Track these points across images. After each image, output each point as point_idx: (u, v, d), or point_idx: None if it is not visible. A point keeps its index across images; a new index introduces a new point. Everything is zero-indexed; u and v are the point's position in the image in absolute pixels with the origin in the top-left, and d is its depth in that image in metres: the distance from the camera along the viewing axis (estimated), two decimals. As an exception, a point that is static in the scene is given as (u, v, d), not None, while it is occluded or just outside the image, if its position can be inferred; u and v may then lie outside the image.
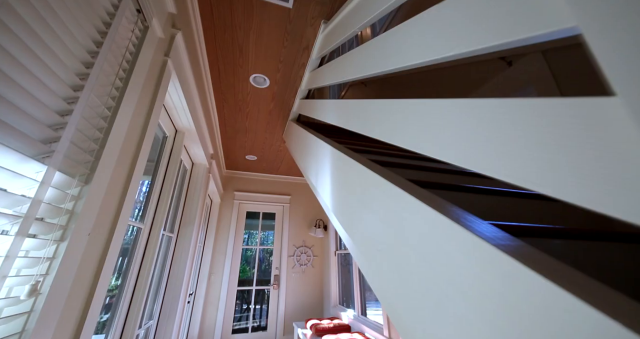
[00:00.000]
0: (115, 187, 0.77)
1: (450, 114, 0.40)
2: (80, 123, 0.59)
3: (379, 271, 0.57)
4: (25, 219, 0.47)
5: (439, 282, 0.39)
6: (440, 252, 0.39)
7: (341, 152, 0.83)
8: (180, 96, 1.32)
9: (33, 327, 0.50)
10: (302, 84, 1.95)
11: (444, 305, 0.39)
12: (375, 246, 0.58)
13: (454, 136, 0.38)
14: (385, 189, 0.56)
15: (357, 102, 0.76)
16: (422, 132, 0.46)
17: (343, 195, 0.81)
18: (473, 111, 0.36)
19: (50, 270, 0.55)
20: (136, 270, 1.30)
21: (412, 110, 0.49)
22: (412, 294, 0.46)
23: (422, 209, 0.44)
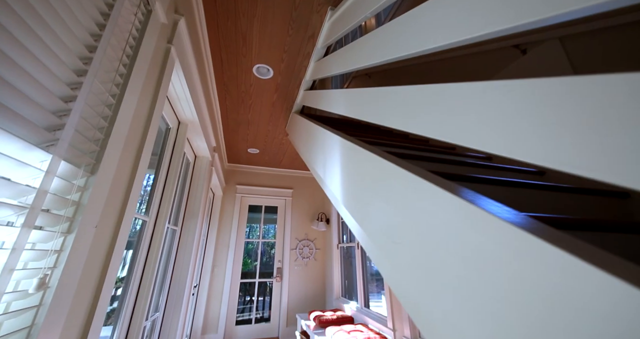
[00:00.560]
0: (121, 178, 0.75)
1: (483, 98, 0.37)
2: (84, 111, 0.56)
3: (396, 263, 0.55)
4: (31, 211, 0.45)
5: (469, 276, 0.37)
6: (471, 244, 0.37)
7: (354, 143, 0.80)
8: (183, 86, 1.29)
9: (42, 321, 0.49)
10: (306, 74, 1.91)
11: (474, 299, 0.37)
12: (392, 238, 0.56)
13: (488, 120, 0.35)
14: (405, 180, 0.53)
15: (372, 91, 0.73)
16: (447, 118, 0.43)
17: (355, 187, 0.79)
18: (512, 92, 0.33)
19: (58, 263, 0.53)
20: (142, 263, 1.29)
21: (436, 95, 0.46)
22: (436, 287, 0.44)
23: (449, 200, 0.42)
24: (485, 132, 0.35)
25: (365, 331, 2.27)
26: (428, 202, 0.47)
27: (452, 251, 0.42)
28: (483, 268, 0.36)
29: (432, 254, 0.46)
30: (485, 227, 0.36)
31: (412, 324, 1.91)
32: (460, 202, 0.40)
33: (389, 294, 2.22)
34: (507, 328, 0.33)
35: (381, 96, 0.66)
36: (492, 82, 0.37)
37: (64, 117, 0.51)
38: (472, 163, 1.09)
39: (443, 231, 0.43)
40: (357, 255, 3.09)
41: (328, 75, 1.55)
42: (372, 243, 0.66)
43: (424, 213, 0.48)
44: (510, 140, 0.30)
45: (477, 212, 0.36)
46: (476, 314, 0.37)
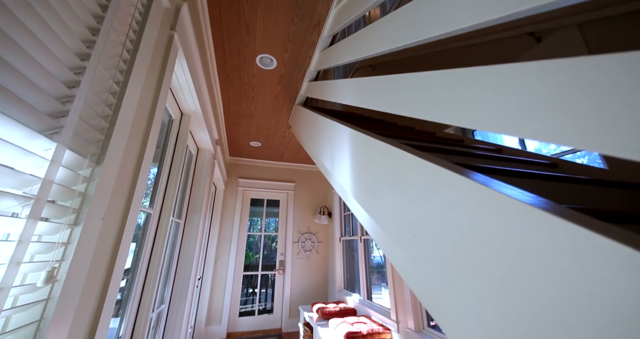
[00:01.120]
0: (127, 169, 0.73)
1: (526, 79, 0.34)
2: (88, 98, 0.53)
3: (414, 257, 0.53)
4: (37, 201, 0.43)
5: (504, 274, 0.35)
6: (507, 239, 0.35)
7: (368, 135, 0.78)
8: (186, 76, 1.25)
9: (52, 315, 0.47)
10: (311, 65, 1.86)
11: (507, 296, 0.36)
12: (410, 231, 0.54)
13: (534, 104, 0.33)
14: (426, 171, 0.51)
15: (385, 78, 0.70)
16: (478, 104, 0.41)
17: (367, 179, 0.77)
18: (564, 71, 0.30)
19: (65, 256, 0.51)
20: (147, 255, 1.28)
21: (465, 79, 0.44)
22: (460, 281, 0.42)
23: (477, 190, 0.40)
24: (527, 117, 0.33)
25: (369, 323, 2.29)
26: (452, 194, 0.45)
27: (481, 246, 0.40)
28: (521, 264, 0.34)
29: (455, 247, 0.44)
30: (524, 219, 0.34)
31: (416, 317, 1.92)
32: (492, 194, 0.38)
33: (393, 287, 2.23)
34: (543, 326, 0.32)
35: (396, 83, 0.63)
36: (545, 61, 0.34)
37: (67, 104, 0.49)
38: (483, 155, 1.06)
39: (469, 224, 0.41)
40: (360, 248, 3.09)
41: (334, 65, 1.51)
42: (387, 236, 0.65)
43: (448, 205, 0.46)
44: (564, 126, 0.28)
45: (514, 204, 0.34)
46: (509, 310, 0.36)
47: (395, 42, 0.77)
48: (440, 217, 0.47)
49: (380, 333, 2.14)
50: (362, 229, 3.15)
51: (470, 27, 0.50)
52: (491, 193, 0.37)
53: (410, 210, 0.55)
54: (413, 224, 0.54)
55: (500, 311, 0.37)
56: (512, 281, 0.36)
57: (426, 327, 1.88)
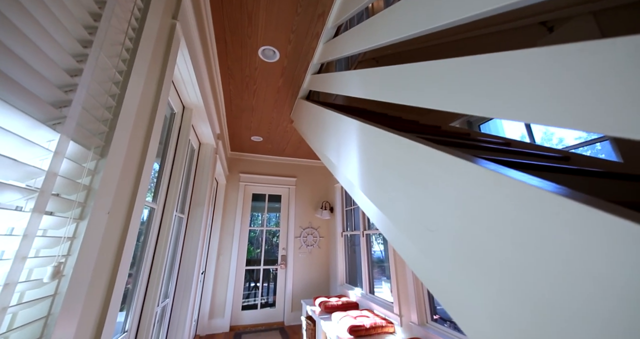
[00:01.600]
0: (131, 162, 0.71)
1: (558, 64, 0.32)
2: (91, 87, 0.51)
3: (429, 251, 0.52)
4: (41, 194, 0.41)
5: (532, 270, 0.34)
6: (533, 231, 0.33)
7: (378, 128, 0.76)
8: (189, 67, 1.22)
9: (59, 310, 0.46)
10: (314, 57, 1.82)
11: (533, 295, 0.34)
12: (426, 225, 0.53)
13: (575, 90, 0.31)
14: (445, 164, 0.49)
15: (398, 68, 0.68)
16: (506, 92, 0.38)
17: (378, 173, 0.75)
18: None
19: (72, 251, 0.50)
20: (152, 250, 1.27)
21: (490, 65, 0.41)
22: (481, 276, 0.41)
23: (502, 182, 0.38)
24: (567, 104, 0.31)
25: (371, 317, 2.31)
26: (474, 187, 0.44)
27: (506, 241, 0.38)
28: (552, 260, 0.33)
29: (475, 241, 0.42)
30: (556, 212, 0.32)
31: (419, 310, 1.93)
32: (518, 185, 0.36)
33: (396, 281, 2.23)
34: (574, 325, 0.30)
35: (412, 73, 0.61)
36: (585, 42, 0.31)
37: (70, 93, 0.47)
38: (492, 148, 1.04)
39: (492, 216, 0.40)
40: (362, 243, 3.10)
41: (339, 56, 1.48)
42: (398, 230, 0.63)
43: (469, 198, 0.44)
44: (610, 112, 0.26)
45: (542, 195, 0.32)
46: (536, 310, 0.34)
47: (405, 31, 0.74)
48: (460, 211, 0.45)
49: (383, 327, 2.15)
50: (365, 224, 3.15)
51: (484, 13, 0.47)
52: (521, 186, 0.36)
53: (426, 204, 0.53)
54: (429, 217, 0.52)
55: (526, 309, 0.36)
56: (542, 278, 0.34)
57: (429, 320, 1.89)
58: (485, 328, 0.42)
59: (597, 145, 1.50)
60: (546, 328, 0.34)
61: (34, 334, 0.44)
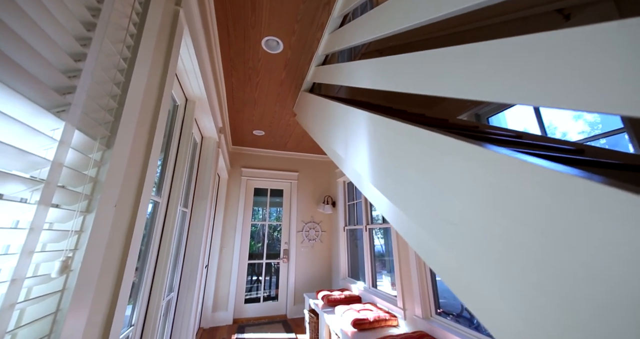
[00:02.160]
0: (137, 154, 0.69)
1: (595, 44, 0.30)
2: (95, 73, 0.48)
3: (450, 245, 0.50)
4: (47, 186, 0.39)
5: (570, 266, 0.32)
6: (578, 224, 0.31)
7: (391, 119, 0.73)
8: (192, 58, 1.19)
9: (68, 306, 0.45)
10: (319, 48, 1.78)
11: (569, 289, 0.32)
12: (447, 218, 0.51)
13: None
14: (469, 154, 0.47)
15: (415, 55, 0.65)
16: (542, 77, 0.36)
17: (391, 165, 0.73)
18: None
19: (79, 245, 0.48)
20: (157, 244, 1.26)
21: (521, 48, 0.39)
22: (511, 271, 0.39)
23: (541, 173, 0.36)
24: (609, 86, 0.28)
25: (375, 310, 2.32)
26: (500, 176, 0.41)
27: (536, 230, 0.36)
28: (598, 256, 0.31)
29: (503, 233, 0.40)
30: (593, 199, 0.30)
31: (424, 304, 1.93)
32: (550, 173, 0.34)
33: (400, 275, 2.23)
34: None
35: (431, 60, 0.58)
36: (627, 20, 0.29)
37: (74, 79, 0.44)
38: (504, 140, 1.02)
39: (521, 207, 0.38)
40: (365, 237, 3.10)
41: (344, 47, 1.44)
42: (414, 224, 0.61)
43: (495, 189, 0.42)
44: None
45: (579, 182, 0.30)
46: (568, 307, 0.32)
47: (417, 18, 0.71)
48: (484, 203, 0.43)
49: (386, 320, 2.16)
50: (368, 219, 3.14)
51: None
52: (554, 174, 0.33)
53: (446, 196, 0.51)
54: (449, 210, 0.50)
55: (556, 303, 0.34)
56: (574, 270, 0.32)
57: (434, 314, 1.90)
58: (512, 324, 0.41)
59: (602, 140, 1.47)
60: (579, 321, 0.32)
61: (43, 331, 0.42)
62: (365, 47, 3.27)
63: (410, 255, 2.11)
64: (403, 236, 0.72)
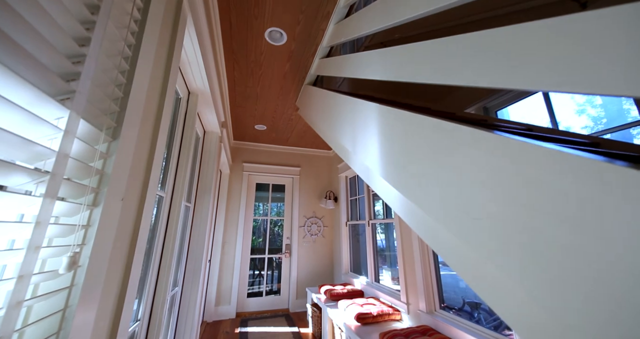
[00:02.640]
0: (143, 146, 0.67)
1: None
2: (100, 60, 0.46)
3: (472, 241, 0.48)
4: (52, 178, 0.37)
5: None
6: (615, 213, 0.29)
7: (406, 111, 0.70)
8: (195, 49, 1.15)
9: (77, 302, 0.43)
10: (323, 39, 1.74)
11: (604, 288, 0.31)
12: (468, 213, 0.49)
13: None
14: (493, 146, 0.44)
15: (433, 43, 0.62)
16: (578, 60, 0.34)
17: (404, 158, 0.71)
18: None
19: (86, 239, 0.46)
20: (161, 239, 1.25)
21: (560, 27, 0.36)
22: (540, 267, 0.37)
23: (576, 161, 0.34)
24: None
25: (378, 304, 2.32)
26: (527, 167, 0.39)
27: (567, 221, 0.34)
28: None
29: (531, 226, 0.39)
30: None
31: (428, 299, 1.93)
32: (583, 161, 0.32)
33: (403, 270, 2.23)
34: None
35: (449, 47, 0.55)
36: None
37: (78, 65, 0.42)
38: (516, 133, 0.99)
39: (553, 198, 0.36)
40: (368, 232, 3.09)
41: (350, 38, 1.40)
42: (429, 217, 0.59)
43: (525, 181, 0.40)
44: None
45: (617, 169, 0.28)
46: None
47: (428, 5, 0.68)
48: (514, 196, 0.41)
49: (390, 314, 2.17)
50: (370, 214, 3.13)
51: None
52: (593, 164, 0.31)
53: (468, 189, 0.49)
54: (471, 204, 0.48)
55: (589, 297, 0.32)
56: (609, 264, 0.30)
57: (438, 309, 1.90)
58: (539, 320, 0.39)
59: (607, 135, 1.44)
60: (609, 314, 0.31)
61: (52, 329, 0.41)
62: (369, 40, 3.21)
63: (414, 250, 2.11)
64: (415, 229, 0.70)
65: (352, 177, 3.80)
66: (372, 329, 1.98)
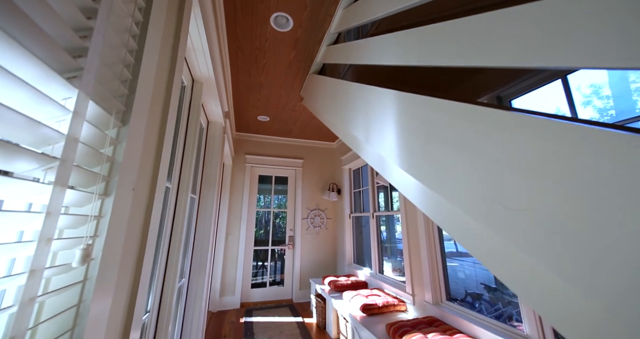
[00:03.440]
0: (152, 132, 0.63)
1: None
2: (108, 35, 0.42)
3: (508, 234, 0.45)
4: (62, 164, 0.34)
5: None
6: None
7: (430, 98, 0.66)
8: (201, 34, 1.10)
9: (91, 297, 0.41)
10: (331, 25, 1.67)
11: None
12: (505, 203, 0.45)
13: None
14: (547, 130, 0.41)
15: (460, 22, 0.57)
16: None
17: (428, 147, 0.67)
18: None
19: (99, 231, 0.43)
20: (169, 231, 1.23)
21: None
22: (589, 263, 0.34)
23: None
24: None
25: (383, 295, 2.33)
26: (576, 151, 0.36)
27: (621, 209, 0.31)
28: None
29: (580, 217, 0.36)
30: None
31: (434, 290, 1.94)
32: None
33: (409, 261, 2.23)
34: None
35: (479, 25, 0.51)
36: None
37: (85, 40, 0.38)
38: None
39: (607, 184, 0.32)
40: (372, 224, 3.08)
41: (360, 23, 1.34)
42: (459, 209, 0.56)
43: (570, 166, 0.37)
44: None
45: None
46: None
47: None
48: (560, 183, 0.38)
49: (395, 305, 2.18)
50: (375, 206, 3.11)
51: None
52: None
53: (503, 178, 0.46)
54: (508, 194, 0.45)
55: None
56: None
57: (444, 300, 1.90)
58: (574, 300, 0.37)
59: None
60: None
61: (65, 325, 0.38)
62: (375, 28, 3.12)
63: (420, 241, 2.09)
64: (437, 221, 0.68)
65: (356, 169, 3.77)
66: (378, 320, 2.00)
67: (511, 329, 1.41)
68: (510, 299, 2.13)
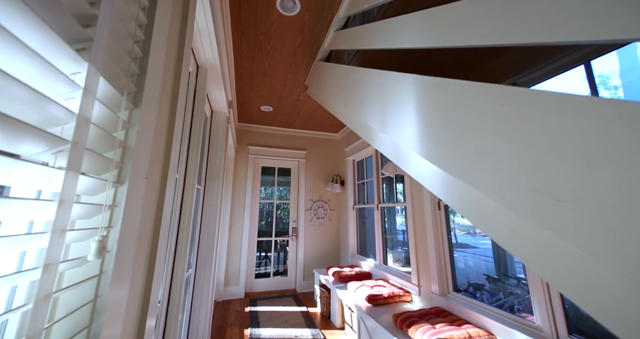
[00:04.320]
0: (163, 116, 0.59)
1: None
2: (116, 4, 0.37)
3: (556, 228, 0.41)
4: (74, 146, 0.30)
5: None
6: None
7: (460, 81, 0.62)
8: (207, 16, 1.04)
9: (107, 292, 0.38)
10: (340, 8, 1.60)
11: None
12: (552, 194, 0.42)
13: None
14: (608, 112, 0.37)
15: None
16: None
17: (455, 134, 0.63)
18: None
19: (113, 221, 0.40)
20: (176, 221, 1.20)
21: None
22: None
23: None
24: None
25: (388, 286, 2.34)
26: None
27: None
28: None
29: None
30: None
31: (441, 281, 1.93)
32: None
33: (415, 253, 2.22)
34: None
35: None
36: None
37: (94, 7, 0.33)
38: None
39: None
40: (377, 216, 3.07)
41: (373, 5, 1.28)
42: (496, 203, 0.53)
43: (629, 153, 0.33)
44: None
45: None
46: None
47: None
48: (620, 169, 0.34)
49: (400, 296, 2.18)
50: (380, 197, 3.09)
51: None
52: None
53: (551, 167, 0.42)
54: (555, 184, 0.42)
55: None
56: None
57: (451, 291, 1.90)
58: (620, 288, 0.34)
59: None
60: None
61: (82, 322, 0.35)
62: (382, 13, 3.01)
63: (427, 233, 2.08)
64: (461, 211, 0.64)
65: (360, 161, 3.73)
66: (384, 310, 2.00)
67: (520, 321, 1.41)
68: (512, 289, 2.13)
